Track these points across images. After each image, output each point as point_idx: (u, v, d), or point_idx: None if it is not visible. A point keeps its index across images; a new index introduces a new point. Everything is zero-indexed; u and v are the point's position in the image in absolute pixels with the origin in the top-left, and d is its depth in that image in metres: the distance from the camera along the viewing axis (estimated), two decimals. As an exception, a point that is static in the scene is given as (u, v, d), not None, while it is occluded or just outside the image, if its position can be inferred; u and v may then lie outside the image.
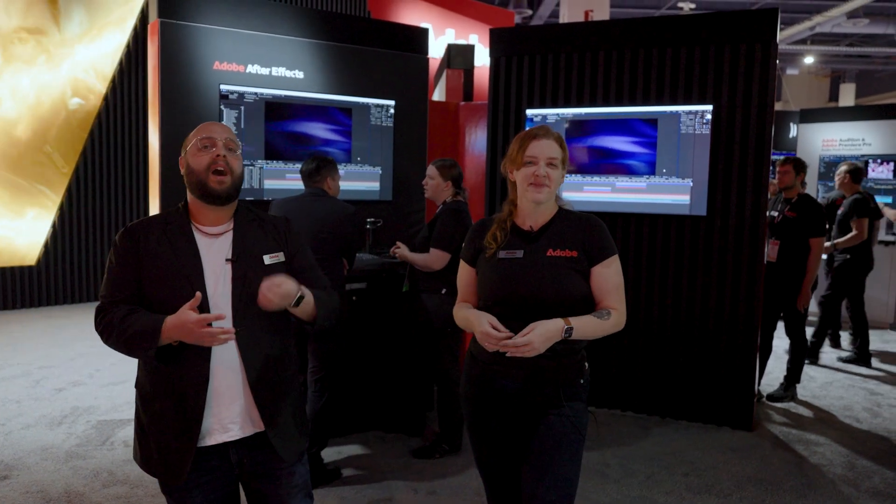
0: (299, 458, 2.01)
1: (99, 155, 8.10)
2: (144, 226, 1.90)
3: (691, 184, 4.44)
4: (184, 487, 1.87)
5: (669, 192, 4.50)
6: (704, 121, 4.39)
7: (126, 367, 5.50)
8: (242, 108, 4.26)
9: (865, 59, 22.11)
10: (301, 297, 1.86)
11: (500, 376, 2.17)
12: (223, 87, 4.20)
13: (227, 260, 1.88)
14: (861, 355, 6.16)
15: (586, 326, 2.10)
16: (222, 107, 4.20)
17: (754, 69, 4.32)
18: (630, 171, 4.59)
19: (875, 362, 6.20)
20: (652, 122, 4.52)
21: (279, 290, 1.78)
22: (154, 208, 4.18)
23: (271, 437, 1.90)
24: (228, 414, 1.87)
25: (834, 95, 24.50)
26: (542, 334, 2.00)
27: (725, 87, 4.39)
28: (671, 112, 4.46)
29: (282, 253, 1.97)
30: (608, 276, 2.20)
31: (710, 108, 4.38)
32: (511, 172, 2.27)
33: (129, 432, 4.19)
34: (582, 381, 2.24)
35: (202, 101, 4.18)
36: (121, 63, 8.13)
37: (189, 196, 1.93)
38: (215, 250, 1.90)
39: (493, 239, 2.27)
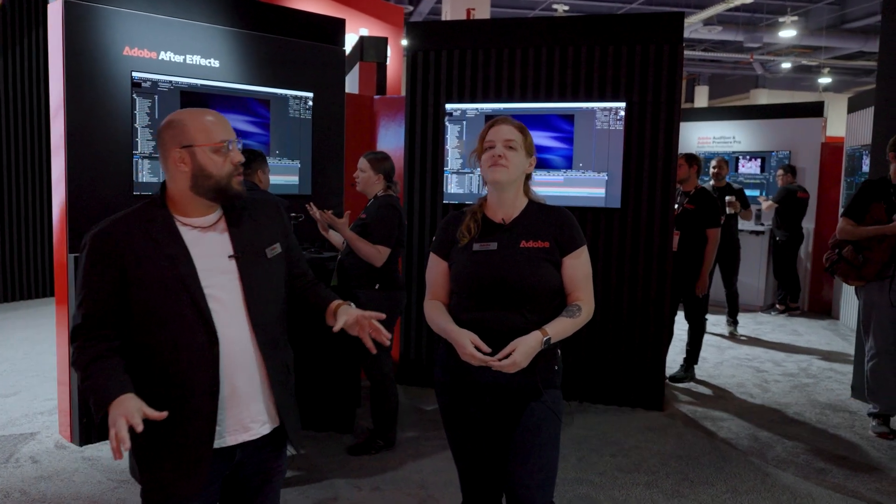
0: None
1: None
2: (122, 224, 1.71)
3: (606, 177, 4.64)
4: (185, 495, 1.76)
5: (586, 186, 4.68)
6: (618, 117, 4.60)
7: (18, 377, 5.04)
8: (156, 97, 4.01)
9: (717, 63, 23.91)
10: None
11: (478, 367, 2.19)
12: (135, 75, 3.94)
13: (230, 256, 1.77)
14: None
15: (562, 329, 2.19)
16: (134, 95, 3.93)
17: (663, 69, 4.58)
18: (548, 166, 4.73)
19: (753, 343, 6.77)
20: (569, 117, 4.68)
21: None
22: (57, 202, 3.86)
23: (287, 429, 1.88)
24: (249, 413, 1.80)
25: (690, 97, 26.31)
26: (523, 352, 2.08)
27: (637, 86, 4.62)
28: (587, 108, 4.64)
29: (279, 244, 1.90)
30: (578, 267, 2.29)
31: (623, 104, 4.59)
32: (480, 163, 2.32)
33: (34, 447, 3.84)
34: (556, 368, 2.31)
35: (113, 89, 3.89)
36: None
37: (175, 188, 1.76)
38: (208, 245, 1.76)
39: (466, 231, 2.30)
